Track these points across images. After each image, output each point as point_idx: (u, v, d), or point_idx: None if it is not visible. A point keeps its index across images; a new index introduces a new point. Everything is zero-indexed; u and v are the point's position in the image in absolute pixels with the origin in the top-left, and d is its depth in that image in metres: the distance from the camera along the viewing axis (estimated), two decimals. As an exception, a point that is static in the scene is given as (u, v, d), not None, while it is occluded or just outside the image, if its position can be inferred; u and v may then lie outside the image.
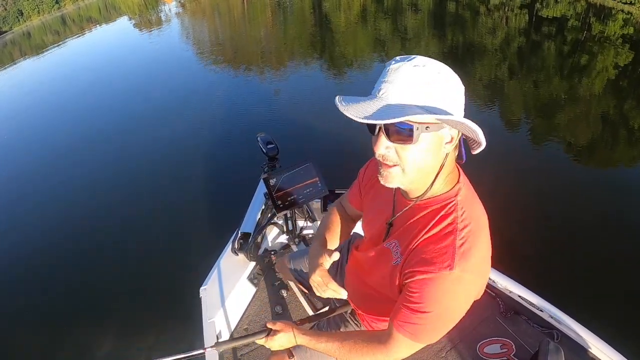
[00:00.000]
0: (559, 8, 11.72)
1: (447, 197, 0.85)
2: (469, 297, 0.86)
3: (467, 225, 0.81)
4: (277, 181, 1.84)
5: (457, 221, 0.82)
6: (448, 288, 0.80)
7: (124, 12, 31.63)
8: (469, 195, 0.87)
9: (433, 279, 0.80)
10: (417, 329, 0.85)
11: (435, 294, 0.81)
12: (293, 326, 1.11)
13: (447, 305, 0.83)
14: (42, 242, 4.21)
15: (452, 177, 0.87)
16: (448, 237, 0.81)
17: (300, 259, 1.62)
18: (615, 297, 2.59)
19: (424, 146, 0.77)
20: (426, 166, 0.81)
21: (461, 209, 0.83)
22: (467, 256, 0.79)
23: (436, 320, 0.84)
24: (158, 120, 6.79)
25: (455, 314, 0.86)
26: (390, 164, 0.81)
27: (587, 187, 3.87)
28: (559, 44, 8.56)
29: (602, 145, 4.70)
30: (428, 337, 0.88)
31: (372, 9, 14.82)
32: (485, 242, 0.85)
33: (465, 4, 13.51)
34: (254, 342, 1.14)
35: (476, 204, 0.88)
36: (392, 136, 0.76)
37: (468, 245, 0.80)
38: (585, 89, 6.18)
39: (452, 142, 0.81)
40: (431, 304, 0.82)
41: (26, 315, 3.30)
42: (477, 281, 0.84)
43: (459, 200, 0.84)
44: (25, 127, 8.28)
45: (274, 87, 7.52)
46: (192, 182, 4.65)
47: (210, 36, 14.92)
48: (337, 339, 1.02)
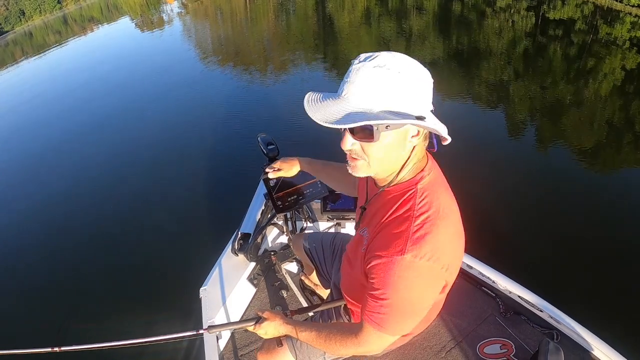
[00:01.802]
0: (566, 10, 11.73)
1: (408, 185, 0.88)
2: (427, 286, 0.87)
3: (425, 212, 0.84)
4: (277, 181, 1.86)
5: (414, 207, 0.84)
6: (401, 273, 0.82)
7: (126, 12, 31.87)
8: (434, 183, 0.89)
9: (386, 263, 0.83)
10: (382, 318, 0.88)
11: (389, 279, 0.83)
12: (280, 315, 1.18)
13: (403, 292, 0.84)
14: (42, 242, 4.24)
15: (419, 165, 0.90)
16: (404, 223, 0.84)
17: (316, 239, 1.68)
18: (615, 298, 2.60)
19: (386, 142, 0.82)
20: (389, 159, 0.85)
21: (420, 196, 0.85)
22: (421, 242, 0.81)
23: (397, 309, 0.87)
24: (159, 120, 6.85)
25: (415, 303, 0.88)
26: (356, 158, 0.86)
27: (587, 188, 3.89)
28: (565, 47, 8.57)
29: (606, 148, 4.70)
30: (393, 328, 0.90)
31: (376, 10, 14.83)
32: (447, 231, 0.85)
33: (471, 6, 13.53)
34: (245, 329, 1.22)
35: (442, 192, 0.90)
36: (357, 134, 0.82)
37: (423, 231, 0.82)
38: (591, 92, 6.20)
39: (419, 135, 0.85)
40: (387, 291, 0.84)
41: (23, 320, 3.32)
42: (434, 269, 0.84)
43: (419, 187, 0.86)
44: (27, 127, 8.36)
45: (276, 88, 7.56)
46: (192, 182, 4.69)
47: (213, 37, 15.00)
48: (316, 329, 1.07)
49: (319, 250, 1.65)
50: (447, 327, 1.78)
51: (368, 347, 0.96)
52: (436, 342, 1.73)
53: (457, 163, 2.21)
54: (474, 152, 4.17)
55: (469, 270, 1.88)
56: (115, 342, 1.32)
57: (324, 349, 1.07)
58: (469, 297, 1.85)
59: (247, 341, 1.94)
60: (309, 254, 1.71)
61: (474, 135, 4.70)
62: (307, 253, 1.71)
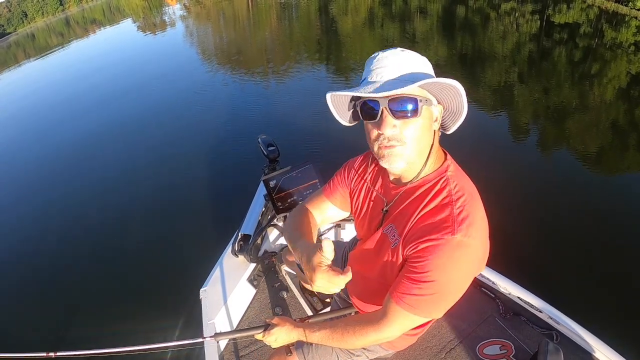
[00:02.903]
0: (571, 14, 11.76)
1: (438, 174, 0.92)
2: (472, 266, 0.89)
3: (462, 196, 0.88)
4: (277, 183, 1.87)
5: (451, 193, 0.88)
6: (452, 254, 0.84)
7: (128, 14, 32.12)
8: (458, 170, 0.95)
9: (437, 245, 0.84)
10: (418, 300, 0.88)
11: (439, 260, 0.84)
12: (289, 320, 1.14)
13: (450, 272, 0.86)
14: (41, 242, 4.27)
15: (439, 155, 0.95)
16: (446, 208, 0.87)
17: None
18: (614, 298, 2.61)
19: (423, 122, 0.86)
20: (424, 143, 0.89)
21: (453, 182, 0.90)
22: (467, 223, 0.84)
23: (439, 290, 0.87)
24: (160, 121, 6.90)
25: (458, 285, 0.89)
26: (395, 144, 0.87)
27: (587, 190, 3.91)
28: (570, 51, 8.59)
29: (609, 152, 4.72)
30: (428, 310, 0.90)
31: (379, 13, 14.90)
32: (481, 211, 0.89)
33: (476, 9, 13.57)
34: (253, 338, 1.18)
35: (465, 177, 0.95)
36: (397, 114, 0.84)
37: (466, 212, 0.85)
38: (596, 96, 6.21)
39: (437, 121, 0.91)
40: (435, 272, 0.85)
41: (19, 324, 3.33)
42: (480, 248, 0.88)
43: (449, 175, 0.91)
44: (28, 130, 8.43)
45: (278, 91, 7.61)
46: (192, 183, 4.72)
47: (215, 39, 15.10)
48: (330, 326, 1.05)
49: None
50: (447, 327, 1.80)
51: (391, 331, 0.95)
52: (436, 342, 1.75)
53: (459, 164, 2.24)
54: (475, 154, 4.19)
55: None
56: (112, 349, 1.28)
57: (340, 344, 1.04)
58: (468, 298, 1.85)
59: (248, 344, 1.95)
60: (299, 268, 1.71)
61: (476, 136, 4.73)
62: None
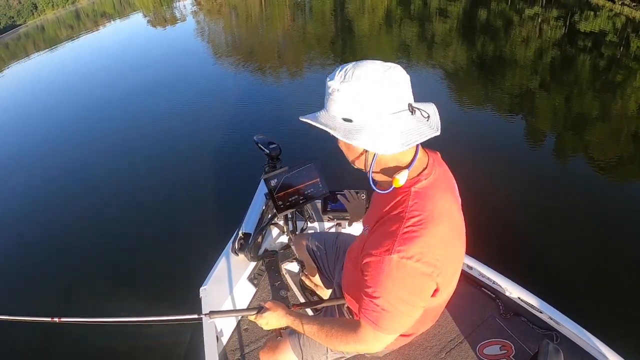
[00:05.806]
0: (597, 22, 11.68)
1: (403, 188, 0.94)
2: (414, 287, 0.92)
3: (417, 215, 0.90)
4: (278, 181, 1.89)
5: (406, 210, 0.91)
6: (388, 272, 0.89)
7: (138, 8, 32.58)
8: (432, 186, 0.95)
9: (375, 262, 0.91)
10: (376, 316, 0.94)
11: (378, 277, 0.91)
12: (282, 306, 1.23)
13: (392, 290, 0.91)
14: (41, 242, 4.37)
15: (416, 168, 0.96)
16: (396, 223, 0.91)
17: (319, 239, 1.76)
18: (615, 299, 2.64)
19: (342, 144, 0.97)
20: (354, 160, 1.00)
21: (413, 199, 0.92)
22: (409, 243, 0.87)
23: (388, 307, 0.92)
24: (163, 118, 7.02)
25: (404, 303, 0.93)
26: None
27: (593, 194, 3.95)
28: (594, 59, 8.55)
29: (624, 162, 4.72)
30: (387, 326, 0.95)
31: (397, 13, 14.92)
32: (439, 234, 0.91)
33: (498, 12, 13.54)
34: (247, 318, 1.26)
35: (440, 196, 0.95)
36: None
37: (412, 233, 0.88)
38: (618, 107, 6.19)
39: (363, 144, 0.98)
40: (378, 289, 0.91)
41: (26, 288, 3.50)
42: (422, 271, 0.90)
43: (412, 190, 0.93)
44: (32, 121, 8.69)
45: (287, 90, 7.69)
46: (192, 181, 4.82)
47: (226, 36, 15.27)
48: (318, 323, 1.13)
49: (322, 250, 1.72)
50: (447, 327, 1.84)
51: (367, 345, 1.02)
52: (436, 342, 1.79)
53: (465, 165, 2.28)
54: (484, 155, 4.30)
55: (469, 271, 1.94)
56: (114, 318, 1.40)
57: (326, 344, 1.12)
58: (469, 298, 1.90)
59: (247, 329, 2.02)
60: (311, 253, 1.78)
61: (488, 138, 4.84)
62: (310, 253, 1.78)
